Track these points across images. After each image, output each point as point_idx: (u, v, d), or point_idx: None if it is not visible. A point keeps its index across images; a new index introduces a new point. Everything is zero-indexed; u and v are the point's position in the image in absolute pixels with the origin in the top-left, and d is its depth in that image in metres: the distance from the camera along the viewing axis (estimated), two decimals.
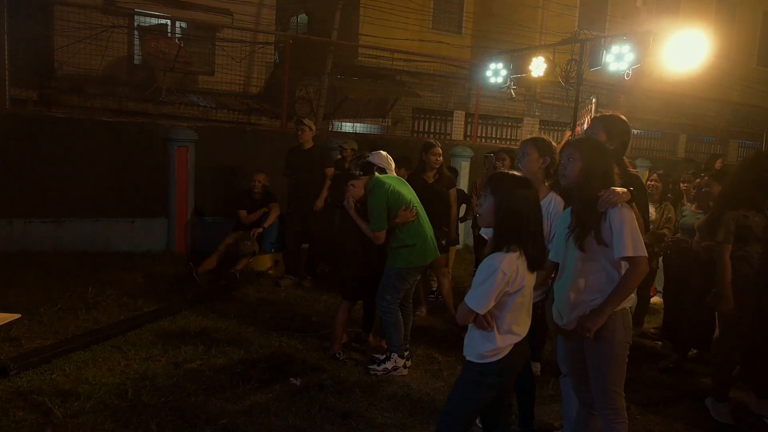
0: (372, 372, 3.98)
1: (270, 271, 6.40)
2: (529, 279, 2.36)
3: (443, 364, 4.28)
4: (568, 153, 2.67)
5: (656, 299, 6.20)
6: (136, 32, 9.89)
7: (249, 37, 10.39)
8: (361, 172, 4.25)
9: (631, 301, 2.62)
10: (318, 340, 4.55)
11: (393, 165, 4.40)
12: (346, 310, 4.24)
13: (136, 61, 10.02)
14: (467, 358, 2.44)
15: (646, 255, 2.49)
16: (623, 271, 2.53)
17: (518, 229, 2.29)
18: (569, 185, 2.68)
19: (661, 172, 5.62)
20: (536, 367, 4.12)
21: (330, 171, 6.12)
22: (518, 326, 2.39)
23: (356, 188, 4.05)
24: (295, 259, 6.28)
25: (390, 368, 4.00)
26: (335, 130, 10.28)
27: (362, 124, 11.10)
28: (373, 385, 3.83)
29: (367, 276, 4.21)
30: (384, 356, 4.08)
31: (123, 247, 6.69)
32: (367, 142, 7.71)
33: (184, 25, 10.33)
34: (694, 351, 4.81)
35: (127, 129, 6.87)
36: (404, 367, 4.06)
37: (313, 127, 6.30)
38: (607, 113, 3.21)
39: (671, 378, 4.36)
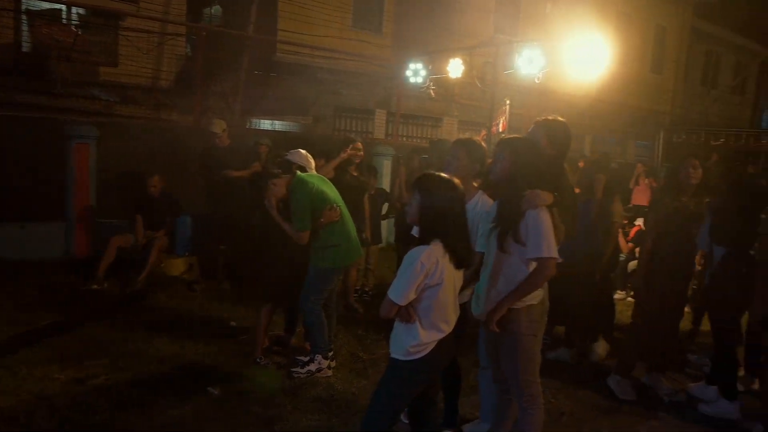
0: (295, 375, 3.91)
1: (184, 276, 6.11)
2: (452, 274, 2.40)
3: (368, 362, 4.28)
4: (500, 150, 2.76)
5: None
6: (23, 16, 9.06)
7: (157, 27, 9.86)
8: (281, 171, 4.15)
9: (537, 298, 2.72)
10: (238, 345, 4.40)
11: (313, 164, 4.35)
12: (267, 314, 4.13)
13: (24, 49, 9.18)
14: (392, 355, 2.46)
15: (556, 258, 2.59)
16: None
17: (441, 225, 2.36)
18: (497, 182, 2.77)
19: None
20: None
21: (256, 167, 5.96)
22: (443, 322, 2.42)
23: (278, 187, 3.95)
24: (211, 261, 6.04)
25: (314, 370, 3.94)
26: (253, 127, 10.01)
27: (282, 122, 10.89)
28: (297, 388, 3.76)
29: (288, 277, 4.11)
30: (307, 358, 4.01)
31: (12, 254, 5.98)
32: (288, 140, 7.57)
33: (81, 11, 9.60)
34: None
35: (17, 124, 6.27)
36: (328, 367, 4.02)
37: (224, 126, 6.07)
38: (551, 117, 3.11)
39: (582, 362, 4.60)
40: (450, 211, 2.37)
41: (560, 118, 3.11)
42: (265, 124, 10.37)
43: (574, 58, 6.85)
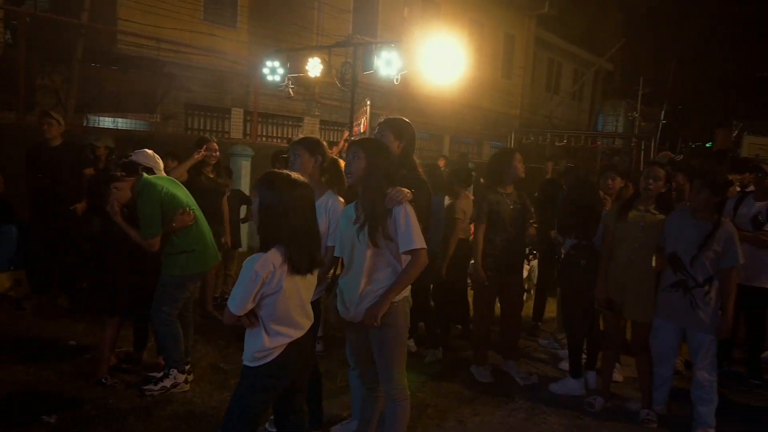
0: (148, 393, 3.73)
1: (10, 293, 5.49)
2: (293, 281, 2.37)
3: (230, 372, 4.21)
4: (354, 151, 2.87)
5: None
6: None
7: None
8: (125, 173, 3.94)
9: (408, 291, 2.90)
10: (80, 366, 4.08)
11: (161, 164, 4.19)
12: (113, 328, 3.90)
13: None
14: (244, 362, 2.45)
15: (426, 248, 2.79)
16: (404, 264, 2.80)
17: (278, 229, 2.32)
18: (354, 182, 2.87)
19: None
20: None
21: (89, 171, 5.53)
22: (289, 327, 2.41)
23: (122, 191, 3.75)
24: (44, 275, 5.50)
25: (169, 386, 3.79)
26: (92, 125, 9.24)
27: (125, 120, 10.18)
28: (150, 407, 3.59)
29: (136, 287, 3.91)
30: (161, 373, 3.85)
31: None
32: (133, 140, 7.13)
33: None
34: (459, 327, 5.57)
35: None
36: (185, 382, 3.89)
37: (62, 121, 5.60)
38: (393, 116, 3.48)
39: (446, 356, 4.90)
40: (289, 213, 2.32)
41: (403, 117, 3.47)
42: (106, 122, 9.62)
43: (431, 62, 7.29)
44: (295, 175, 2.44)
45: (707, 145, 27.16)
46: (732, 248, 3.58)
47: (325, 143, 3.36)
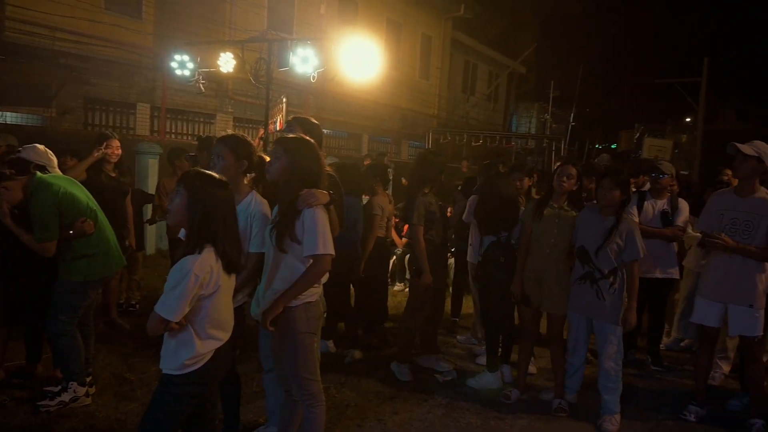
0: (43, 408, 3.50)
1: None
2: (226, 281, 2.41)
3: (136, 382, 4.03)
4: (275, 149, 2.82)
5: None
6: None
7: None
8: (14, 172, 3.67)
9: (315, 295, 2.84)
10: None
11: (55, 161, 3.94)
12: (0, 340, 3.64)
13: None
14: (164, 371, 2.36)
15: (333, 255, 2.74)
16: None
17: (212, 229, 2.32)
18: (274, 181, 2.82)
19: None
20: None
21: None
22: (220, 330, 2.42)
23: (11, 191, 3.49)
24: None
25: (67, 400, 3.57)
26: None
27: (16, 114, 9.47)
28: (47, 425, 3.38)
29: (27, 294, 3.67)
30: (59, 387, 3.62)
31: None
32: (24, 136, 6.65)
33: None
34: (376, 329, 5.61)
35: None
36: (86, 395, 3.68)
37: None
38: (301, 115, 3.50)
39: (365, 355, 4.95)
40: (219, 212, 2.34)
41: (310, 117, 3.52)
42: None
43: (349, 60, 7.33)
44: (218, 175, 2.44)
45: (612, 146, 29.17)
46: (633, 242, 3.86)
47: (254, 143, 3.22)
